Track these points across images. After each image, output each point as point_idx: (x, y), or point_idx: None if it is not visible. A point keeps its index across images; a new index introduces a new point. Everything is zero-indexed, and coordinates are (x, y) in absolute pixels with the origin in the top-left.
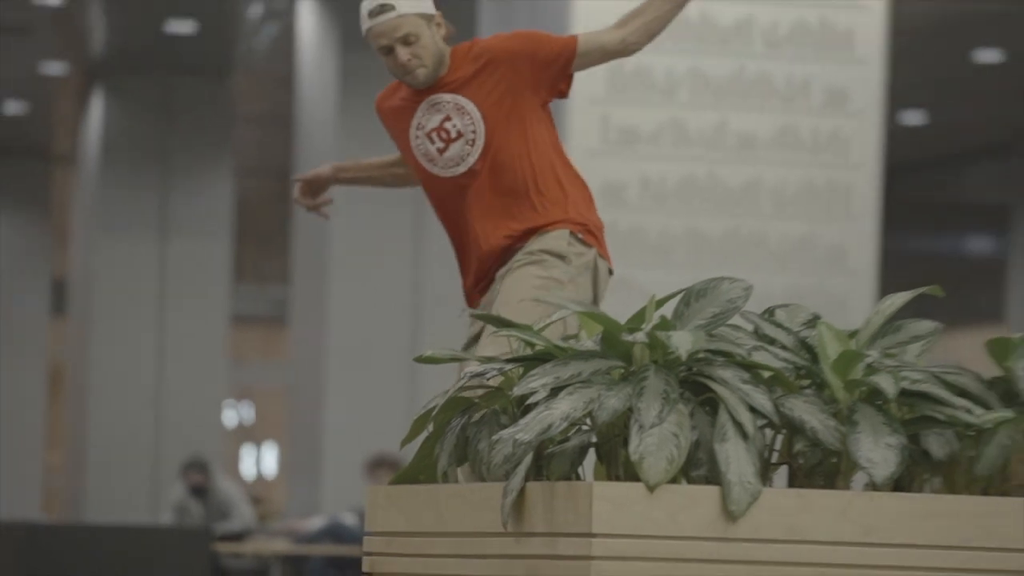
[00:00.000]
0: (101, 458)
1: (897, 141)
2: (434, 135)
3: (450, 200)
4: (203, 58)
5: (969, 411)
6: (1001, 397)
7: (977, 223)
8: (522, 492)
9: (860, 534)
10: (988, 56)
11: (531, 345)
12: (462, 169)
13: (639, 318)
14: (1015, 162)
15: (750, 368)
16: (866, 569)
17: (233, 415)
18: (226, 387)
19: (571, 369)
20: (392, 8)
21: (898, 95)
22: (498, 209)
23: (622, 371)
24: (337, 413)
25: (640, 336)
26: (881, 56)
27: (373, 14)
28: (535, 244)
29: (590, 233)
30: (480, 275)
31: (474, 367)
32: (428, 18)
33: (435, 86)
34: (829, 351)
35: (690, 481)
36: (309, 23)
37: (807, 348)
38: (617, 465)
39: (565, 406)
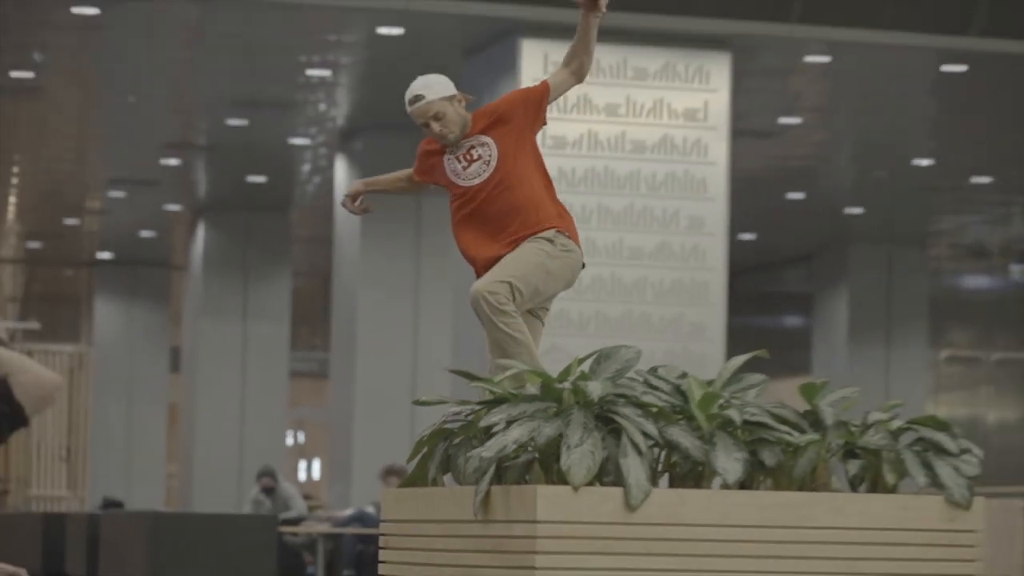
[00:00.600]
0: (203, 468)
1: (737, 252)
2: (461, 157)
3: (467, 205)
4: (271, 200)
5: (789, 434)
6: (810, 424)
7: (791, 307)
8: (488, 493)
9: (719, 519)
10: (795, 195)
11: (493, 392)
12: (478, 181)
13: (566, 372)
14: (815, 266)
15: (642, 406)
16: (723, 543)
17: (291, 439)
18: (286, 420)
19: (520, 408)
20: (423, 98)
21: (736, 221)
22: (506, 215)
23: (555, 409)
24: (361, 438)
25: (567, 385)
26: (725, 196)
27: (411, 103)
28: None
29: (573, 235)
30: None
31: (455, 407)
32: (450, 98)
33: (462, 139)
34: (695, 394)
35: (602, 484)
36: (342, 174)
37: (680, 393)
38: (553, 473)
39: (516, 433)
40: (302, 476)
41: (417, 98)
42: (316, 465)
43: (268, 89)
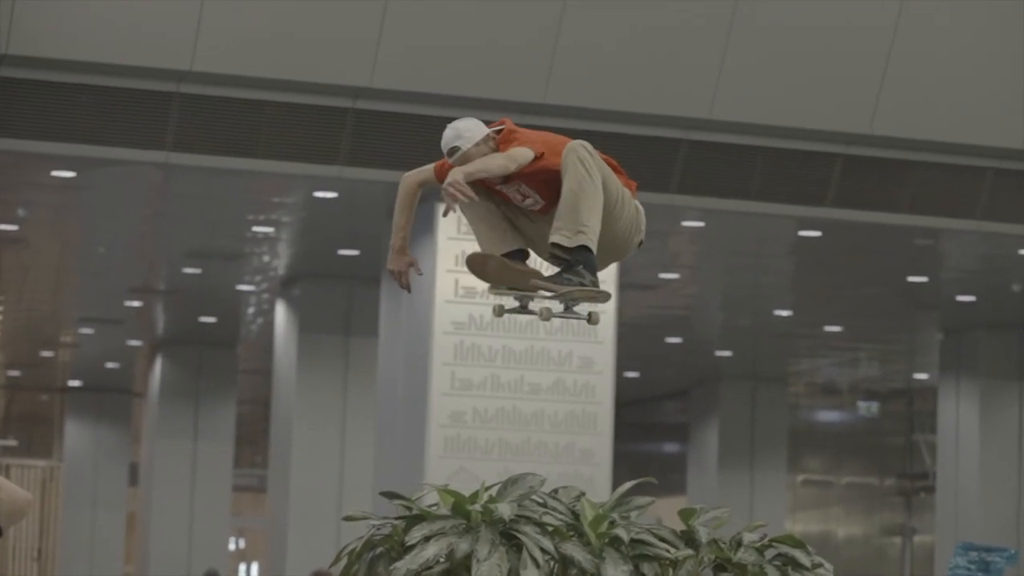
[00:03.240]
0: (156, 569)
1: (622, 387)
2: (513, 193)
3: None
4: (220, 337)
5: (668, 551)
6: (686, 542)
7: (669, 435)
8: None
9: None
10: (673, 339)
11: (409, 510)
12: (539, 207)
13: (475, 495)
14: (690, 400)
15: (541, 525)
16: None
17: (233, 545)
18: (229, 528)
19: (436, 525)
20: (458, 149)
21: (622, 361)
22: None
23: (466, 526)
24: (294, 545)
25: (477, 507)
26: (613, 339)
27: (448, 155)
28: None
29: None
30: None
31: (376, 522)
32: (483, 140)
33: None
34: (588, 514)
35: None
36: (281, 316)
37: (574, 513)
38: None
39: (433, 548)
40: None
41: (453, 151)
42: (255, 568)
43: (219, 242)
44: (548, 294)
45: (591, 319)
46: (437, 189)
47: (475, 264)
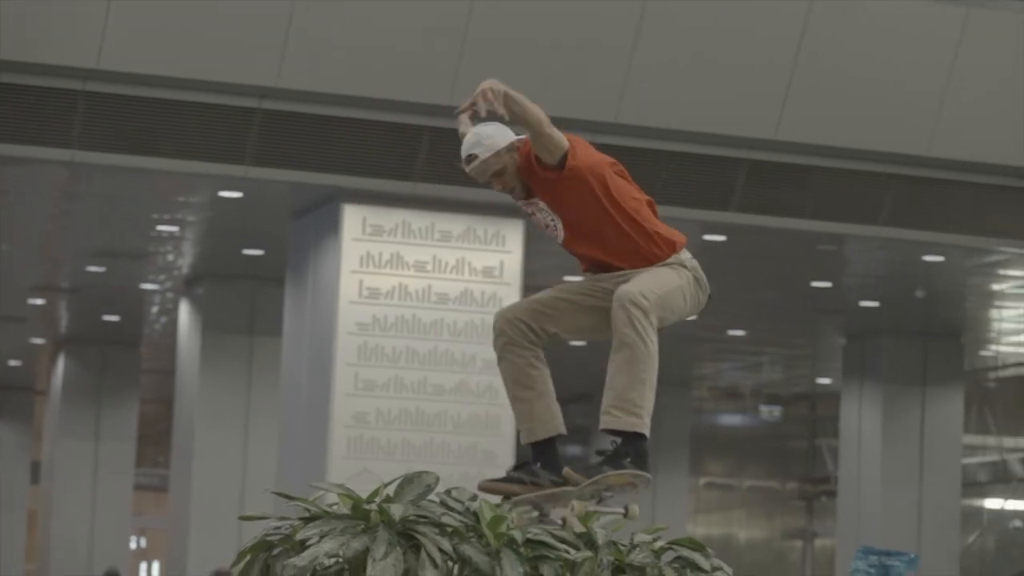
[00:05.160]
0: (57, 568)
1: None
2: (535, 217)
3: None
4: (123, 336)
5: (567, 552)
6: (585, 544)
7: (572, 438)
8: None
9: None
10: (578, 344)
11: (308, 510)
12: (561, 238)
13: (374, 494)
14: (594, 404)
15: (439, 525)
16: None
17: (134, 543)
18: (130, 527)
19: (332, 524)
20: (476, 157)
21: None
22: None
23: (363, 526)
24: (195, 544)
25: (374, 506)
26: None
27: (465, 163)
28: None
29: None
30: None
31: (275, 522)
32: (508, 149)
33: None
34: (486, 515)
35: None
36: (185, 315)
37: (473, 514)
38: None
39: (328, 546)
40: None
41: (470, 158)
42: (156, 567)
43: (124, 241)
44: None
45: (628, 514)
46: (346, 194)
47: (491, 491)
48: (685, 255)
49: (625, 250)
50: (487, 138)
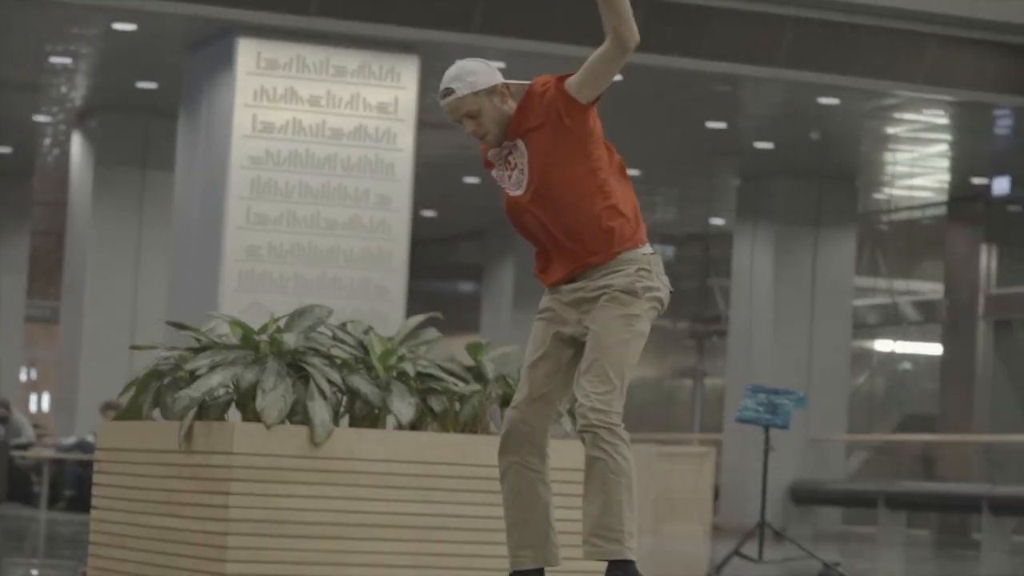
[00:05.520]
0: None
1: (418, 226)
2: (502, 162)
3: (517, 219)
4: (15, 167)
5: (456, 384)
6: (474, 377)
7: (464, 275)
8: (191, 428)
9: (391, 455)
10: (471, 179)
11: (199, 340)
12: (520, 192)
13: (265, 327)
14: (486, 241)
15: (329, 357)
16: (395, 476)
17: (24, 375)
18: (21, 358)
19: (223, 355)
20: (452, 92)
21: (419, 201)
22: (564, 236)
23: (253, 357)
24: (86, 376)
25: (264, 337)
26: (410, 178)
27: (441, 96)
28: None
29: (652, 262)
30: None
31: (166, 352)
32: (488, 92)
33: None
34: (376, 348)
35: (292, 423)
36: (77, 147)
37: (363, 346)
38: (249, 413)
39: (219, 377)
40: (32, 408)
41: (447, 92)
42: (45, 398)
43: (16, 72)
44: None
45: None
46: (241, 28)
47: None
48: (645, 253)
49: (581, 225)
50: (469, 74)
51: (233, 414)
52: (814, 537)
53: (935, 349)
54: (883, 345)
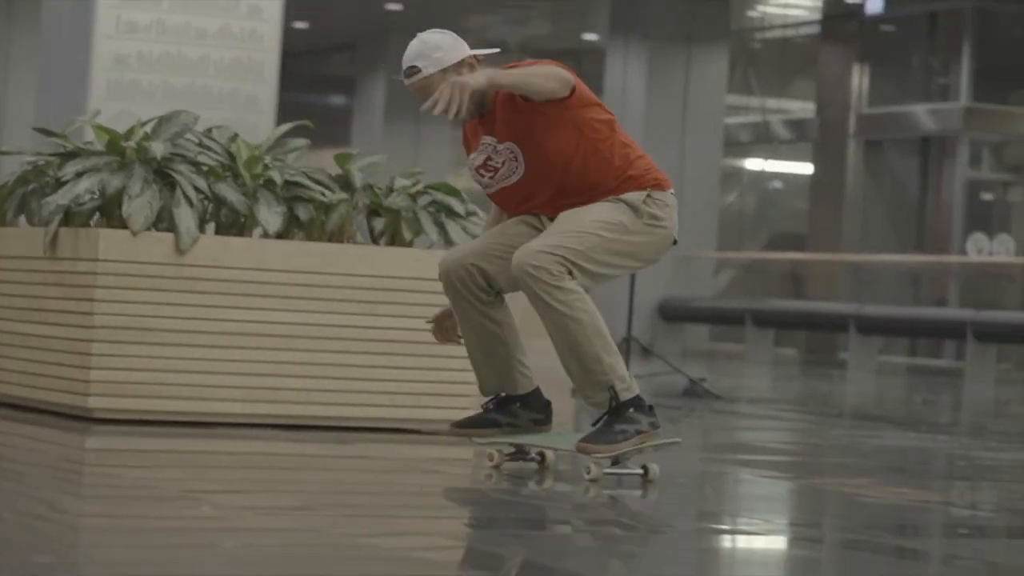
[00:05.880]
0: None
1: (291, 38)
2: (483, 168)
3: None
4: None
5: (323, 193)
6: (342, 186)
7: (336, 87)
8: (56, 234)
9: (258, 263)
10: None
11: (65, 147)
12: (516, 178)
13: (131, 132)
14: (358, 53)
15: (196, 164)
16: (261, 284)
17: None
18: None
19: (90, 162)
20: (418, 71)
21: (291, 11)
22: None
23: (120, 163)
24: None
25: (131, 143)
26: None
27: (405, 76)
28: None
29: (664, 202)
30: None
31: (31, 157)
32: (456, 66)
33: (489, 116)
34: (243, 155)
35: (158, 230)
36: None
37: (230, 154)
38: (115, 220)
39: (85, 184)
40: None
41: (411, 71)
42: None
43: None
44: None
45: (647, 474)
46: None
47: (463, 434)
48: (637, 197)
49: (593, 178)
50: (434, 50)
51: (99, 221)
52: (682, 354)
53: (806, 168)
54: (754, 163)
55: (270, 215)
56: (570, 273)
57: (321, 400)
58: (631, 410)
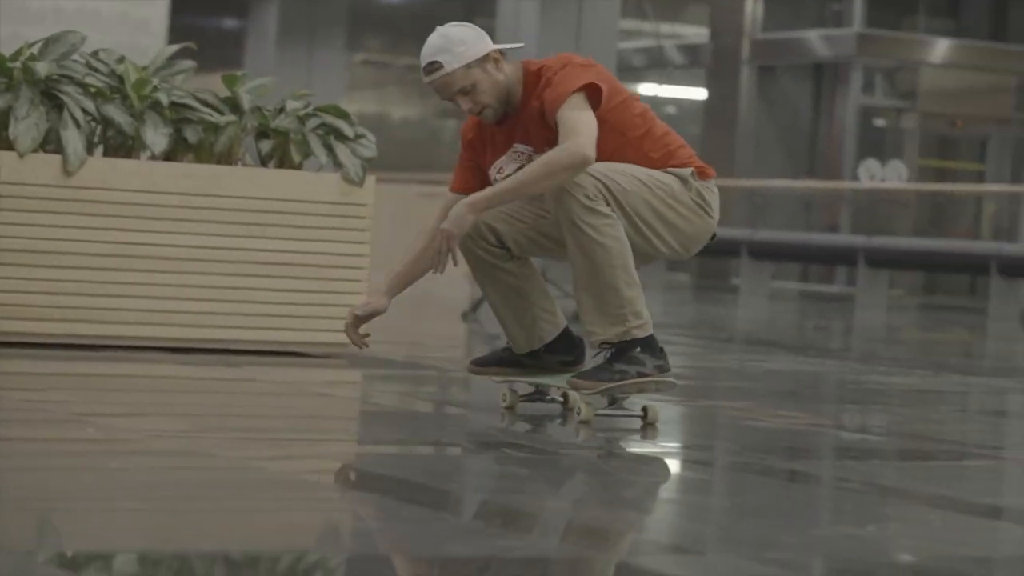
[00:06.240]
0: None
1: None
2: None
3: None
4: None
5: (211, 115)
6: (230, 108)
7: (228, 11)
8: None
9: (146, 186)
10: None
11: None
12: None
13: (18, 53)
14: None
15: (83, 86)
16: (150, 207)
17: None
18: None
19: None
20: (440, 67)
21: None
22: None
23: (5, 84)
24: None
25: (17, 64)
26: None
27: (425, 72)
28: None
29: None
30: None
31: None
32: (481, 61)
33: (513, 118)
34: (131, 77)
35: (45, 152)
36: None
37: (118, 76)
38: (1, 141)
39: None
40: None
41: (432, 67)
42: None
43: None
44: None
45: (647, 416)
46: None
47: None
48: (685, 171)
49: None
50: (457, 44)
51: None
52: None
53: (699, 93)
54: (647, 88)
55: (156, 136)
56: (607, 203)
57: (210, 323)
58: (638, 349)
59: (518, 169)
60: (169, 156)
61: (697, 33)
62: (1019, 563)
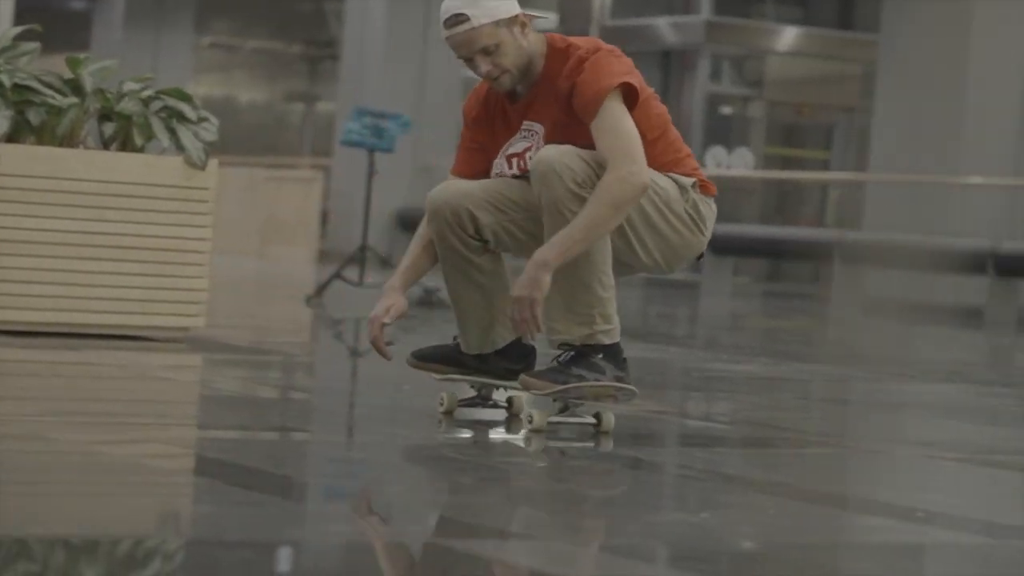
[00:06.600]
0: None
1: None
2: (513, 161)
3: None
4: None
5: (54, 97)
6: (73, 91)
7: None
8: None
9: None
10: None
11: None
12: None
13: None
14: None
15: None
16: (75, 195)
17: None
18: None
19: None
20: (467, 19)
21: None
22: None
23: None
24: None
25: None
26: None
27: (448, 25)
28: None
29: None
30: None
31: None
32: (509, 22)
33: (528, 94)
34: None
35: None
36: None
37: None
38: None
39: None
40: None
41: (457, 19)
42: None
43: None
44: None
45: (601, 423)
46: None
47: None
48: (686, 180)
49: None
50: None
51: None
52: None
53: None
54: None
55: None
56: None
57: (52, 307)
58: (600, 356)
59: (526, 149)
60: (11, 138)
61: (546, 19)
62: (856, 550)
